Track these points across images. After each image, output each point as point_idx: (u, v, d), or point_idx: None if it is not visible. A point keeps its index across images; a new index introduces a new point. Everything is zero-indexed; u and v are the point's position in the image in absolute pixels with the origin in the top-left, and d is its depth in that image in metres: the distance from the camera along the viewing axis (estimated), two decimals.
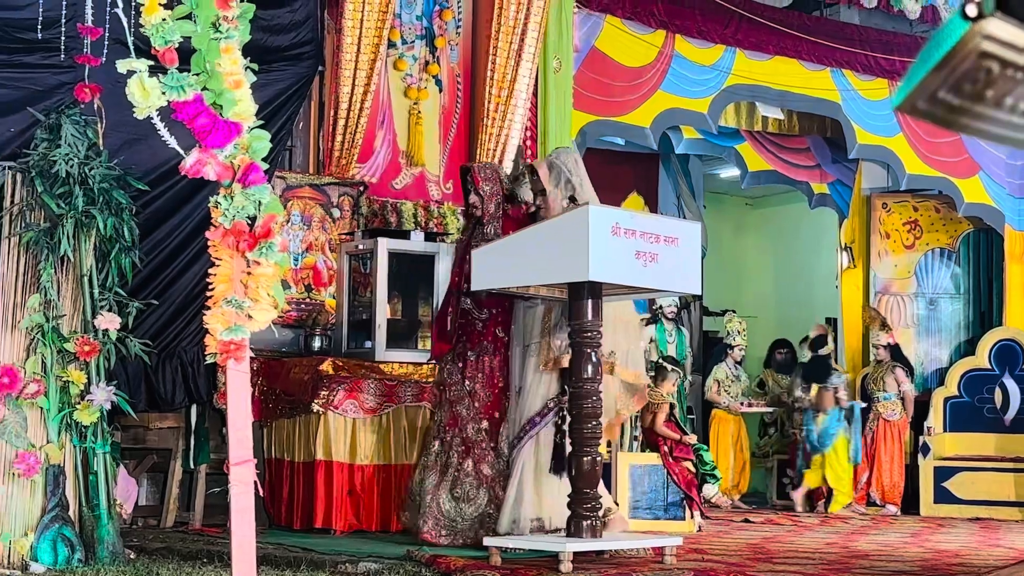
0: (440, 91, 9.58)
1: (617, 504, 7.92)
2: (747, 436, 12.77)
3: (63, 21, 7.04)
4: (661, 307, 12.33)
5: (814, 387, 11.85)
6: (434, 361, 7.55)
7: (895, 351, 12.48)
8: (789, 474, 12.50)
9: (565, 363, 6.65)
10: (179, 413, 8.41)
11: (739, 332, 12.77)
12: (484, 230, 7.24)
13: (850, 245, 13.82)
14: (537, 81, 9.74)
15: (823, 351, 12.21)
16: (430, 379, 7.88)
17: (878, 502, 11.92)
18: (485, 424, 7.10)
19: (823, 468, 11.62)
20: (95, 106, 6.55)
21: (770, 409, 12.78)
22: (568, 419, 6.65)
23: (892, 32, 12.76)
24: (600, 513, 6.50)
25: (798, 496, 11.76)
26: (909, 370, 12.45)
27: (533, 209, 7.19)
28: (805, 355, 12.68)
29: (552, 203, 6.90)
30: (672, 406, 9.90)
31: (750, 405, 12.66)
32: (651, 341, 12.17)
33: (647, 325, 12.41)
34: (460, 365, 7.19)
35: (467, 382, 7.16)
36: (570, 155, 7.20)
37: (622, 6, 11.01)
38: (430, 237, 8.88)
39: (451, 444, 7.15)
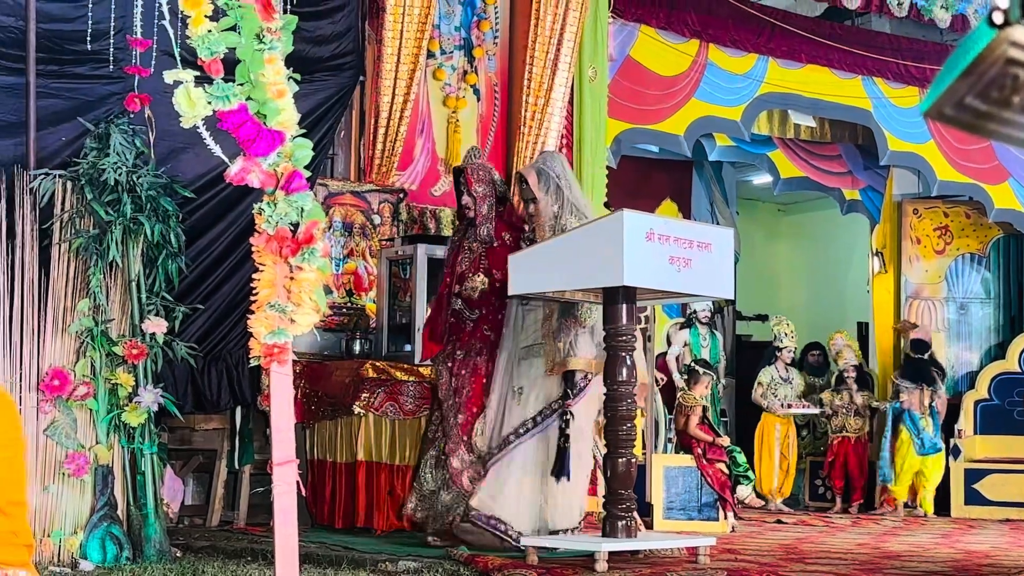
0: (478, 100, 9.59)
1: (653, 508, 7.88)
2: (796, 439, 12.63)
3: (112, 33, 7.10)
4: (695, 311, 12.28)
5: (909, 390, 11.83)
6: (427, 362, 7.50)
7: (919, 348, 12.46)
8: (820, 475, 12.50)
9: (570, 366, 6.62)
10: (224, 415, 8.44)
11: (788, 335, 12.66)
12: (477, 231, 7.13)
13: (881, 250, 13.74)
14: (573, 90, 9.73)
15: (926, 355, 12.20)
16: None
17: (909, 503, 11.85)
18: (461, 418, 6.97)
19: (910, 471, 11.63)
20: (144, 116, 6.59)
21: (816, 411, 12.64)
22: (572, 423, 6.64)
23: (922, 40, 12.68)
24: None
25: (897, 503, 11.70)
26: (941, 374, 12.39)
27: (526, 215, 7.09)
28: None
29: (543, 209, 6.81)
30: (705, 409, 9.88)
31: (789, 406, 12.52)
32: (685, 345, 12.14)
33: (680, 329, 12.37)
34: (448, 364, 7.10)
35: (453, 379, 7.07)
36: (556, 159, 7.09)
37: (656, 16, 10.99)
38: None
39: (437, 440, 7.10)
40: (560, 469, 6.60)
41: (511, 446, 6.73)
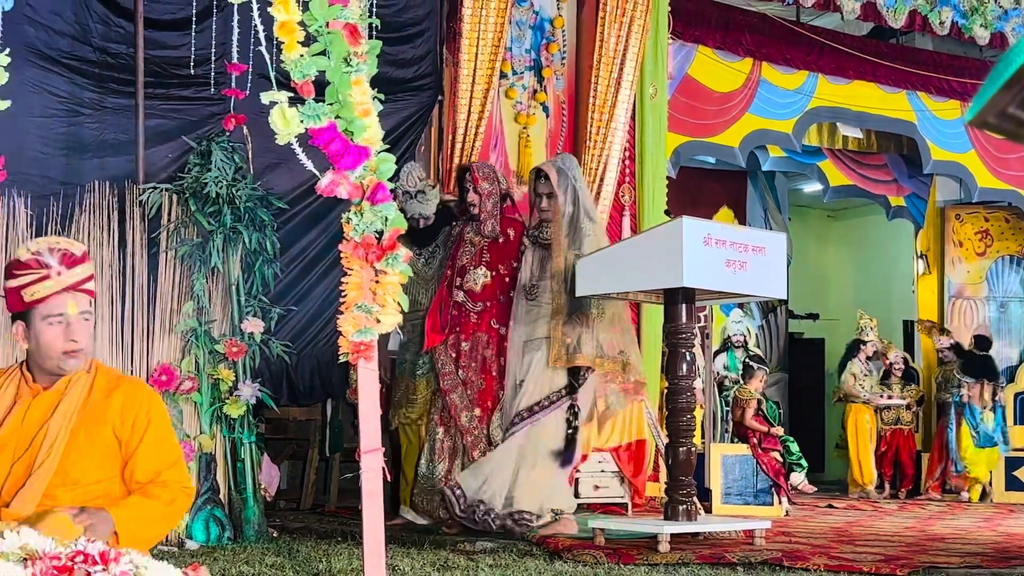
0: (547, 116, 9.58)
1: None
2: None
3: (213, 59, 7.16)
4: (730, 337, 12.15)
5: (970, 384, 11.70)
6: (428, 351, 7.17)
7: (958, 349, 12.29)
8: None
9: (577, 362, 6.51)
10: (315, 407, 8.51)
11: (871, 329, 12.49)
12: (482, 227, 6.96)
13: (925, 253, 13.62)
14: (635, 106, 9.70)
15: (988, 351, 12.07)
16: None
17: (953, 490, 11.72)
18: (478, 412, 6.78)
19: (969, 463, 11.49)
20: (242, 134, 6.65)
21: (904, 402, 12.41)
22: (580, 414, 6.54)
23: (963, 57, 12.55)
24: (548, 518, 6.51)
25: (971, 494, 11.54)
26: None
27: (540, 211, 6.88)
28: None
29: (561, 207, 6.68)
30: (759, 401, 9.82)
31: (890, 398, 12.32)
32: (724, 367, 12.00)
33: (716, 355, 12.16)
34: (454, 355, 6.87)
35: (460, 371, 6.85)
36: (574, 162, 6.99)
37: (713, 37, 10.97)
38: None
39: (451, 429, 6.85)
40: (568, 457, 6.53)
41: (509, 433, 6.62)
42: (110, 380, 3.65)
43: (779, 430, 9.48)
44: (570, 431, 6.55)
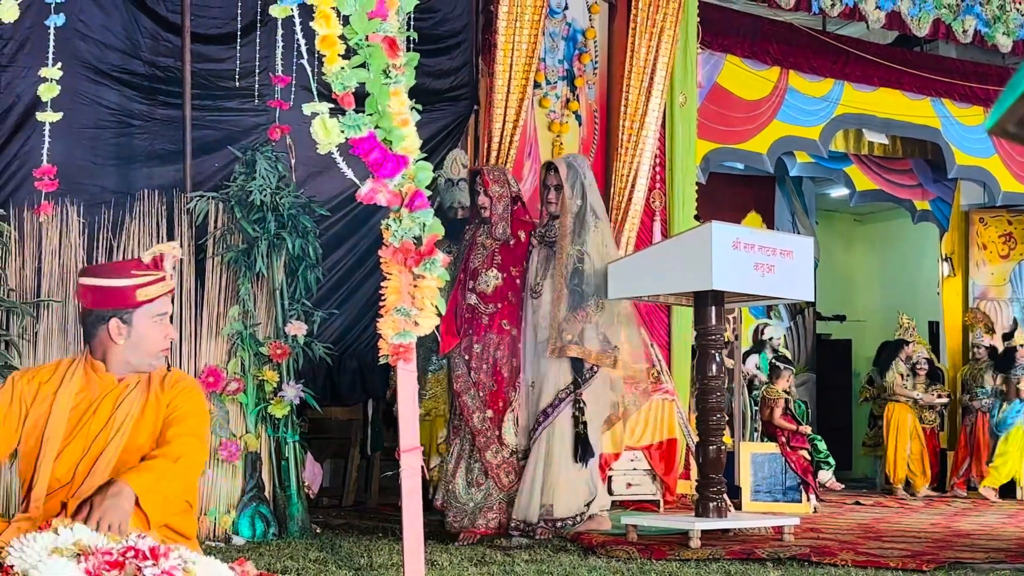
0: (580, 125, 9.58)
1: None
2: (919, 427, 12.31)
3: (257, 72, 7.20)
4: (771, 339, 12.06)
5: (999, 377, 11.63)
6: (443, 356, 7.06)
7: (992, 351, 12.17)
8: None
9: (569, 353, 6.38)
10: (357, 407, 8.53)
11: (908, 329, 12.37)
12: (493, 230, 6.80)
13: (950, 256, 13.53)
14: (665, 114, 9.69)
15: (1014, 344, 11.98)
16: None
17: (977, 487, 11.61)
18: (490, 413, 6.61)
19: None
20: (286, 143, 6.68)
21: (946, 400, 12.27)
22: (586, 410, 6.42)
23: (986, 64, 12.47)
24: (587, 512, 6.41)
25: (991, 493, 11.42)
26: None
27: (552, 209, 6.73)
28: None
29: (567, 202, 6.58)
30: (787, 401, 9.77)
31: (939, 396, 12.19)
32: (756, 367, 11.94)
33: (747, 355, 12.07)
34: (466, 357, 6.68)
35: (472, 373, 6.67)
36: (585, 161, 6.87)
37: (741, 46, 10.95)
38: None
39: (461, 432, 6.69)
40: (584, 453, 6.40)
41: (532, 441, 6.49)
42: (161, 373, 3.79)
43: (806, 429, 9.43)
44: (579, 428, 6.42)
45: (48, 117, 5.45)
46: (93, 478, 3.57)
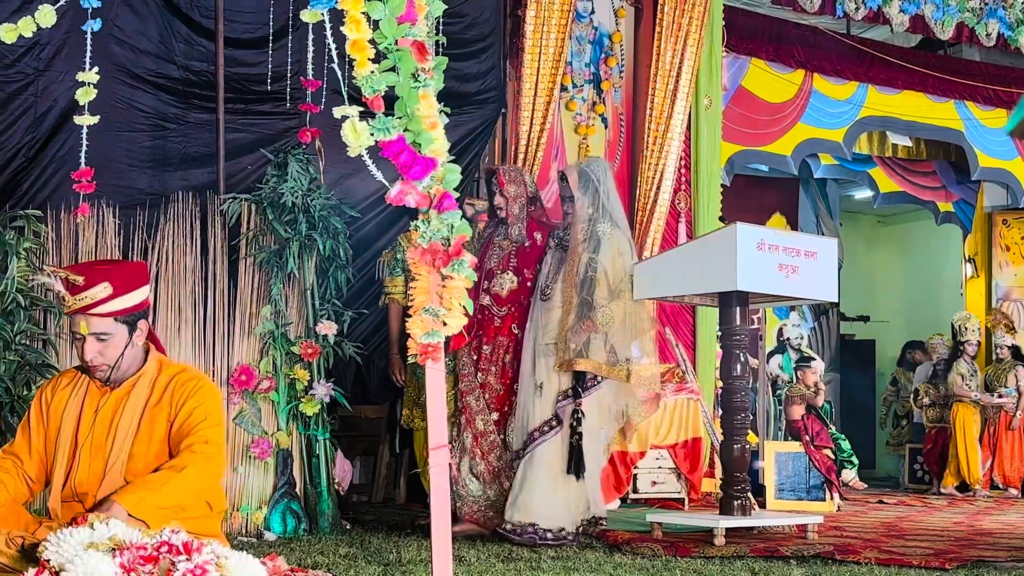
0: (606, 127, 9.57)
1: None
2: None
3: (288, 76, 7.23)
4: (788, 339, 12.01)
5: None
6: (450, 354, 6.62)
7: (1015, 351, 12.08)
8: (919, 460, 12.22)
9: (577, 366, 6.07)
10: (386, 405, 8.54)
11: (972, 329, 12.24)
12: (509, 231, 6.59)
13: (973, 257, 13.45)
14: (690, 117, 9.67)
15: None
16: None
17: (1000, 486, 11.53)
18: (495, 416, 6.41)
19: None
20: (316, 146, 6.70)
21: (1008, 400, 12.13)
22: (583, 421, 6.09)
23: (1009, 67, 12.40)
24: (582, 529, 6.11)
25: None
26: None
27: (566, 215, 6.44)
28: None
29: (579, 210, 6.26)
30: (813, 397, 9.75)
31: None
32: (779, 367, 11.88)
33: (771, 356, 11.99)
34: (475, 358, 6.48)
35: (479, 374, 6.45)
36: (601, 165, 6.51)
37: (766, 49, 10.92)
38: None
39: (463, 430, 6.45)
40: (577, 467, 6.06)
41: (535, 443, 6.14)
42: (171, 375, 3.86)
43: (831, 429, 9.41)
44: (574, 438, 6.09)
45: (85, 120, 5.51)
46: (105, 487, 3.64)
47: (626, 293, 6.18)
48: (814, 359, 10.79)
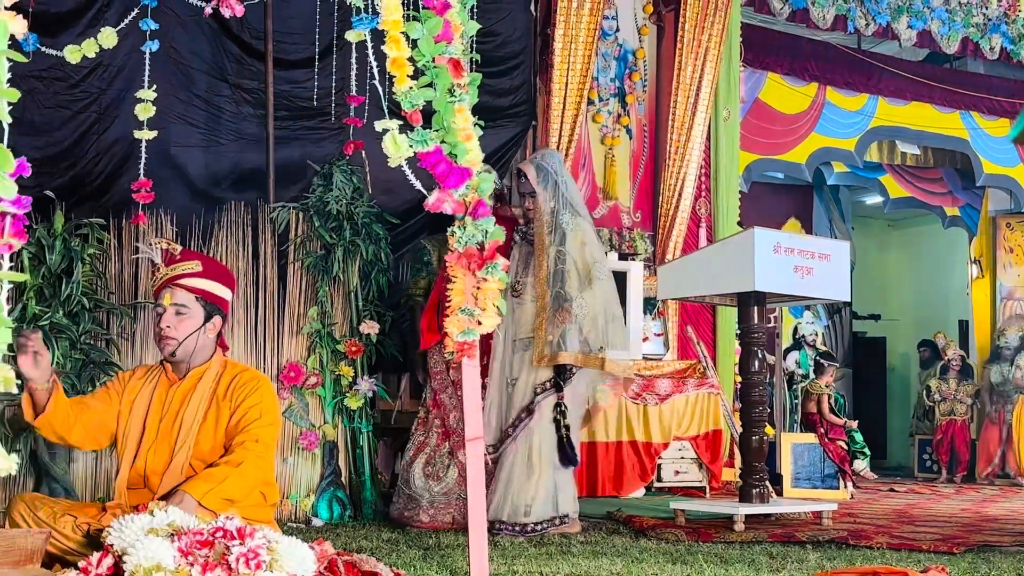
0: (630, 138, 9.56)
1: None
2: None
3: (333, 92, 7.25)
4: (804, 336, 11.94)
5: None
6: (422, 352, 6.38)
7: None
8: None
9: (560, 360, 5.72)
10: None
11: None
12: None
13: (979, 259, 13.35)
14: (710, 128, 9.65)
15: None
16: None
17: (1011, 475, 11.43)
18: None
19: None
20: (360, 157, 6.71)
21: None
22: (568, 414, 5.79)
23: (1013, 79, 12.31)
24: (568, 517, 5.78)
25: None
26: None
27: (523, 212, 6.10)
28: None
29: (541, 205, 5.90)
30: (829, 396, 9.69)
31: None
32: (796, 363, 11.81)
33: (788, 352, 11.90)
34: (446, 355, 6.22)
35: (452, 372, 6.11)
36: (555, 156, 6.14)
37: (781, 64, 10.88)
38: (623, 257, 8.86)
39: (431, 426, 6.17)
40: (569, 457, 5.79)
41: (509, 439, 5.83)
42: (234, 373, 3.91)
43: (852, 424, 9.36)
44: (561, 432, 5.79)
45: (144, 135, 5.55)
46: (171, 471, 3.68)
47: (596, 281, 5.84)
48: (836, 361, 10.74)
